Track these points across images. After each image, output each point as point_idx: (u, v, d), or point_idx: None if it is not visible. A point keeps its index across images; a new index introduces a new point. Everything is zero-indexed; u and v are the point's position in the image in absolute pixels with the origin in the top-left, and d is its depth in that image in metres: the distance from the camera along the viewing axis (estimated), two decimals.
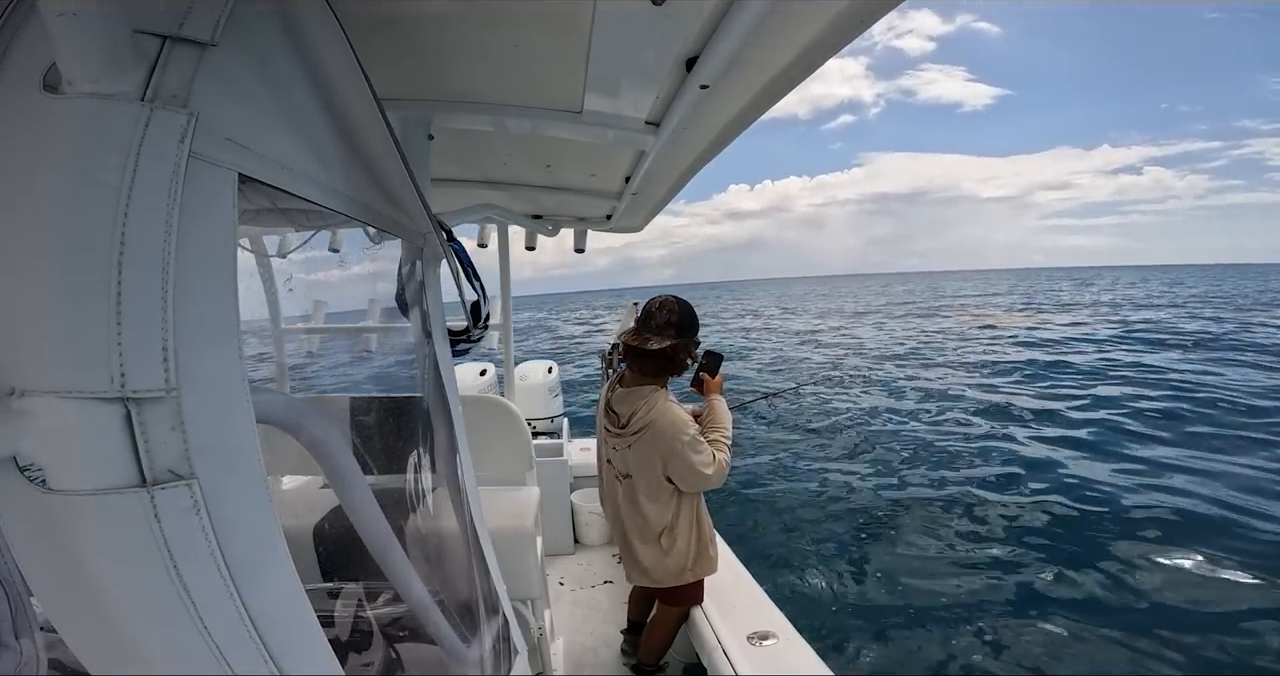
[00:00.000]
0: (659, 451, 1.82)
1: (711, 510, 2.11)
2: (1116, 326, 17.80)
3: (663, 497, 1.91)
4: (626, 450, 1.91)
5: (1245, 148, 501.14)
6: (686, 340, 1.83)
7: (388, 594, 1.06)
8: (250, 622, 0.41)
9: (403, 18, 0.81)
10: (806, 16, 0.76)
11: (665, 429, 1.79)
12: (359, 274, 2.15)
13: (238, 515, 0.41)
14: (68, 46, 0.35)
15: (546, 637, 1.93)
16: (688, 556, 1.96)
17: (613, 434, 1.95)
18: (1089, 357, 12.12)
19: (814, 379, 6.13)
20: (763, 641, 1.77)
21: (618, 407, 1.90)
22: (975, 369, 11.81)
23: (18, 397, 0.34)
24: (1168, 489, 5.20)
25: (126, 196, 0.36)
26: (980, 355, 13.56)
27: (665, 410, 1.81)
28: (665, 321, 1.80)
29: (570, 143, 1.38)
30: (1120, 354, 12.36)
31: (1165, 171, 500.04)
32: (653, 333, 1.80)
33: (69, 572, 0.37)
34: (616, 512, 2.04)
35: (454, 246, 1.01)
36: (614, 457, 1.99)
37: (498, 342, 3.14)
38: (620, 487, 1.99)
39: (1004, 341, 15.91)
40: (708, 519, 2.04)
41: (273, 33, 0.51)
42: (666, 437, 1.79)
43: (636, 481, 1.93)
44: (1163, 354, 12.09)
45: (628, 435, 1.89)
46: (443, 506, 1.03)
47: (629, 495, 1.96)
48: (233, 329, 0.42)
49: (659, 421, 1.80)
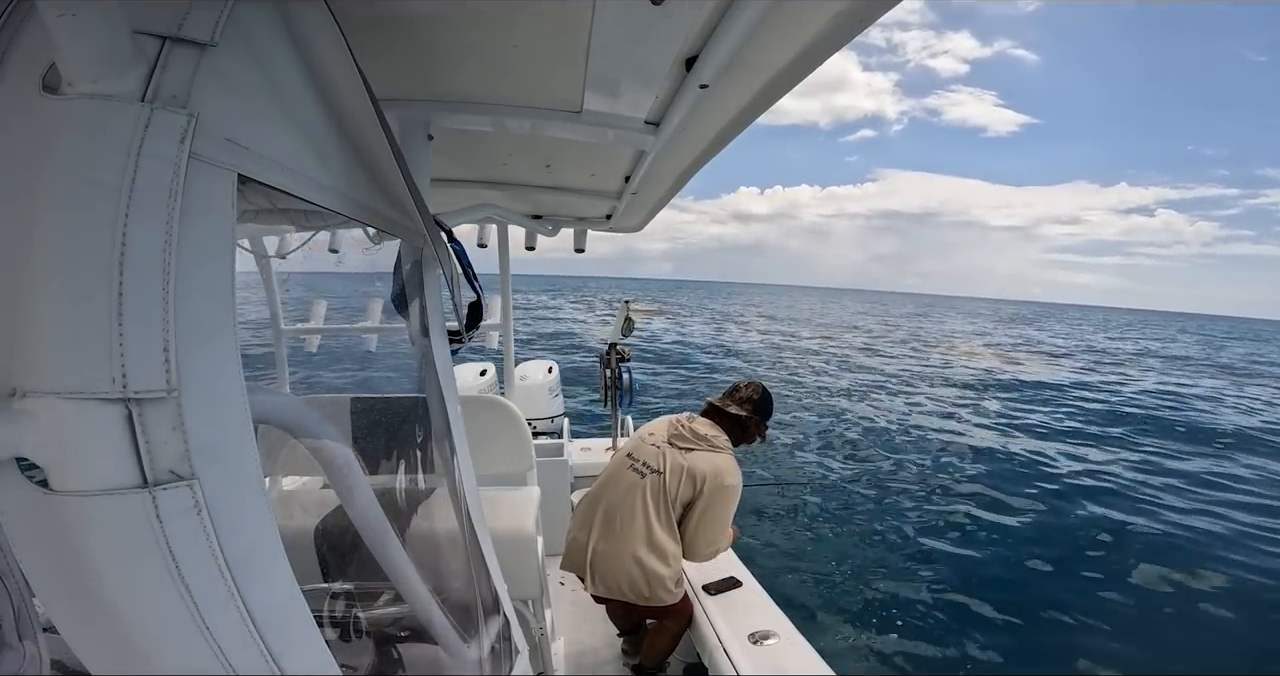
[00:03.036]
0: (711, 482, 1.88)
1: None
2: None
3: (672, 515, 1.89)
4: (680, 453, 1.93)
5: (1261, 197, 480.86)
6: (759, 418, 2.10)
7: (388, 594, 1.05)
8: (251, 622, 0.41)
9: (402, 18, 0.80)
10: (806, 16, 0.76)
11: (731, 465, 1.93)
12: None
13: (238, 515, 0.41)
14: (67, 47, 0.35)
15: (547, 637, 1.93)
16: (679, 578, 1.92)
17: (672, 437, 1.98)
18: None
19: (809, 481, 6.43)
20: (764, 641, 1.77)
21: (696, 428, 2.00)
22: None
23: (19, 398, 0.34)
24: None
25: (126, 197, 0.36)
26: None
27: (733, 459, 1.98)
28: (747, 398, 2.10)
29: (570, 142, 1.37)
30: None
31: (1177, 215, 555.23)
32: (735, 403, 2.09)
33: (71, 573, 0.37)
34: (617, 512, 1.90)
35: (454, 247, 1.01)
36: (649, 455, 1.95)
37: (498, 342, 3.14)
38: (644, 483, 1.89)
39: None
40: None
41: (273, 33, 0.51)
42: (727, 479, 1.90)
43: (668, 482, 1.88)
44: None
45: (695, 442, 1.95)
46: (443, 506, 1.03)
47: (653, 491, 1.87)
48: (231, 329, 0.42)
49: (730, 460, 1.95)
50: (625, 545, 1.85)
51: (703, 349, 18.92)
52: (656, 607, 1.90)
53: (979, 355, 21.13)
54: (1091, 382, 15.16)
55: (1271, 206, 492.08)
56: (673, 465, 1.90)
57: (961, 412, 10.49)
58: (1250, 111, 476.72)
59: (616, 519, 1.89)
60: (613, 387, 3.43)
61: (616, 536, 1.88)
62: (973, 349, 23.65)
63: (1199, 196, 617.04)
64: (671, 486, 1.87)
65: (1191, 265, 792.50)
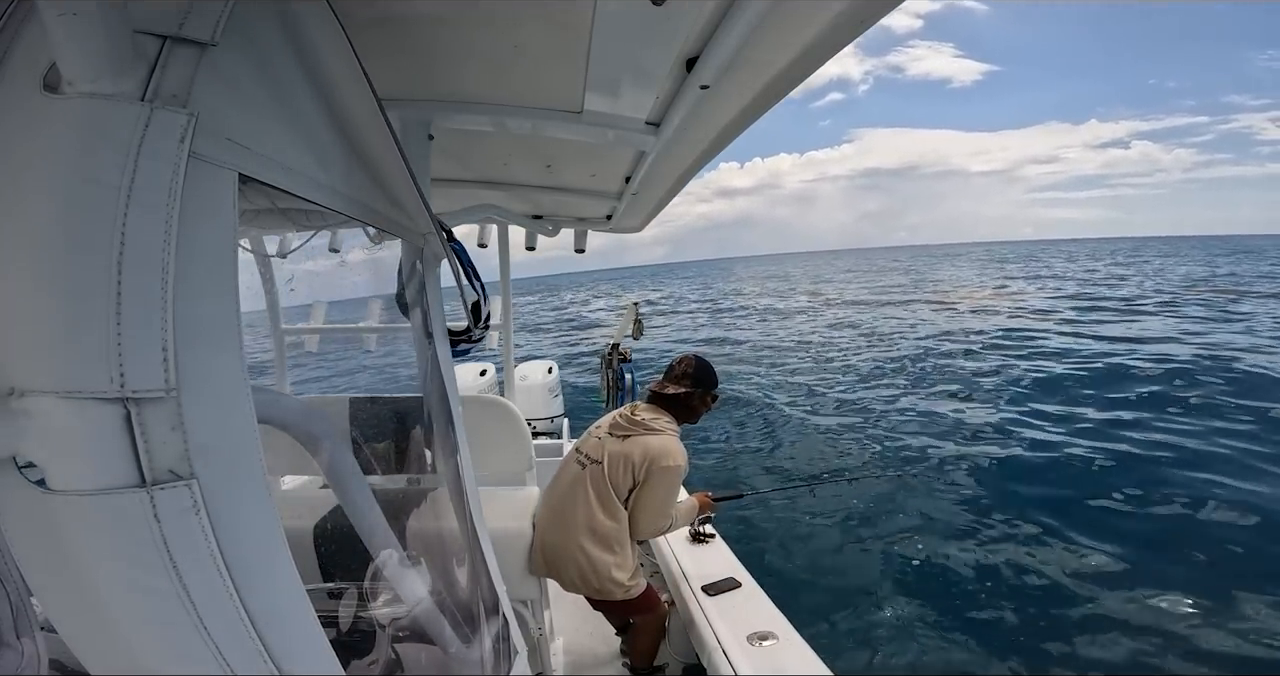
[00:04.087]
0: (649, 460, 1.87)
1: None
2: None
3: (616, 503, 1.90)
4: (619, 440, 1.93)
5: (1233, 122, 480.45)
6: (702, 391, 2.06)
7: (388, 594, 1.06)
8: (250, 623, 0.41)
9: (403, 18, 0.80)
10: (806, 16, 0.76)
11: (669, 446, 1.91)
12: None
13: (238, 515, 0.41)
14: (68, 46, 0.35)
15: (546, 637, 1.93)
16: (631, 569, 1.92)
17: (612, 426, 1.98)
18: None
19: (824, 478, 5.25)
20: (763, 641, 1.77)
21: (634, 415, 2.00)
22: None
23: (18, 397, 0.34)
24: None
25: (126, 196, 0.36)
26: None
27: (674, 439, 1.97)
28: (682, 373, 2.07)
29: (570, 143, 1.37)
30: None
31: (1153, 145, 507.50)
32: (671, 381, 2.06)
33: (69, 573, 0.37)
34: (562, 505, 1.92)
35: (454, 247, 1.01)
36: (592, 447, 1.97)
37: (498, 342, 3.14)
38: (585, 474, 1.92)
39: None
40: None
41: (273, 33, 0.51)
42: (664, 460, 1.88)
43: (607, 470, 1.89)
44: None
45: (631, 428, 1.95)
46: (443, 506, 1.03)
47: (593, 481, 1.90)
48: (233, 329, 0.42)
49: (667, 441, 1.93)
50: (570, 536, 1.88)
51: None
52: (624, 602, 1.93)
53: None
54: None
55: (1244, 130, 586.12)
56: (611, 453, 1.92)
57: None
58: (1205, 43, 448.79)
59: (563, 512, 1.92)
60: (614, 387, 3.43)
61: (562, 528, 1.91)
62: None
63: (1170, 126, 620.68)
64: (612, 474, 1.90)
65: (1175, 191, 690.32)
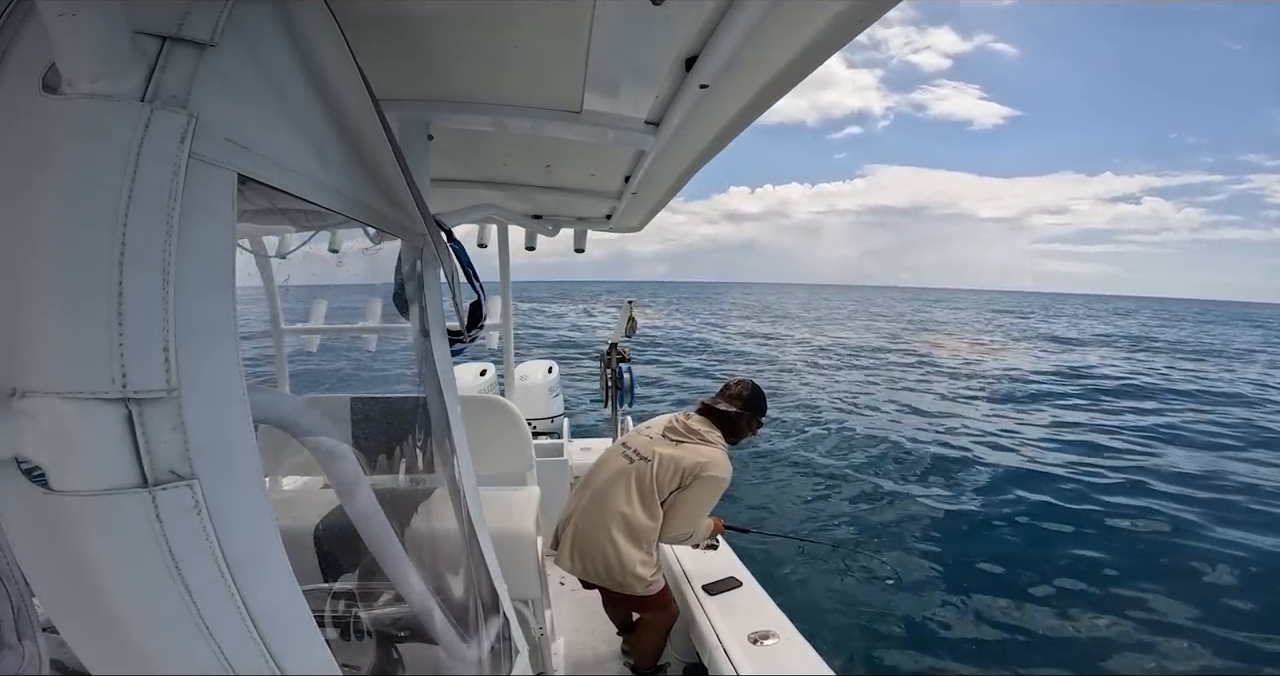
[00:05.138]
0: (700, 467, 1.94)
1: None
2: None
3: (656, 502, 1.95)
4: (672, 445, 2.01)
5: (1247, 183, 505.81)
6: (750, 414, 2.15)
7: (388, 594, 1.05)
8: (250, 622, 0.41)
9: (402, 18, 0.80)
10: (806, 16, 0.76)
11: (720, 459, 1.98)
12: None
13: (236, 515, 0.41)
14: (68, 47, 0.35)
15: (547, 637, 1.93)
16: (654, 567, 1.97)
17: (666, 431, 2.06)
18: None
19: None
20: (764, 641, 1.77)
21: (690, 424, 2.08)
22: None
23: (19, 398, 0.34)
24: None
25: (126, 197, 0.36)
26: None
27: (724, 454, 2.04)
28: (736, 394, 2.16)
29: (570, 143, 1.37)
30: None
31: (1164, 202, 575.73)
32: (725, 399, 2.16)
33: (71, 573, 0.37)
34: (602, 495, 1.97)
35: (454, 247, 1.01)
36: (641, 444, 2.03)
37: (498, 342, 3.14)
38: (631, 469, 1.96)
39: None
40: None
41: (273, 33, 0.51)
42: (713, 470, 1.95)
43: (655, 470, 1.94)
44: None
45: (687, 436, 2.03)
46: (443, 506, 1.03)
47: (638, 476, 1.94)
48: (231, 329, 0.42)
49: (718, 454, 2.01)
50: (603, 525, 1.92)
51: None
52: (635, 598, 1.95)
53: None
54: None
55: (1257, 191, 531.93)
56: (662, 455, 1.97)
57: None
58: (1229, 99, 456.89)
59: (602, 501, 1.96)
60: (613, 387, 3.43)
61: (597, 516, 1.95)
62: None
63: (1185, 183, 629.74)
64: (659, 474, 1.94)
65: (1180, 251, 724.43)
